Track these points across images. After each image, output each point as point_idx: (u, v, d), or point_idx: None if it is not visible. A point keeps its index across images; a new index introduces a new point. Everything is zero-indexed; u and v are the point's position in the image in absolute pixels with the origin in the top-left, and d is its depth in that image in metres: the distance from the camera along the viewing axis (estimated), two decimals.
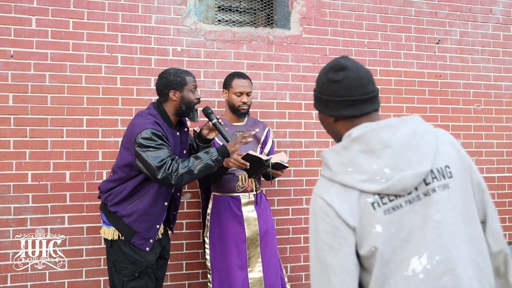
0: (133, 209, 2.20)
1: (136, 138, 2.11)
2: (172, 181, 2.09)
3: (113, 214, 2.24)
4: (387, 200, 1.08)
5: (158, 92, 2.31)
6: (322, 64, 3.19)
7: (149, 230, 2.24)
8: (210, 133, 2.41)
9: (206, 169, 2.17)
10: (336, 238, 1.07)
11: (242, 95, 2.61)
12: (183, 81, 2.26)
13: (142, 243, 2.23)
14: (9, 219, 2.64)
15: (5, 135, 2.64)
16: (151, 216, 2.23)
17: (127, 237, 2.22)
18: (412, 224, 1.08)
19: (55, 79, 2.72)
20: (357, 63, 1.21)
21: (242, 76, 2.66)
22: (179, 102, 2.26)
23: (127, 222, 2.21)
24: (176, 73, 2.28)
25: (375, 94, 1.20)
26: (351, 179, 1.09)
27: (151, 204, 2.22)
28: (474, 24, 3.56)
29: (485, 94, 3.56)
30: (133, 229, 2.21)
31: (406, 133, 1.12)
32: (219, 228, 2.57)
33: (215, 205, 2.61)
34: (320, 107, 1.23)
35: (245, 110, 2.63)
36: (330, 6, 3.24)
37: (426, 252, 1.06)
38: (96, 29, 2.79)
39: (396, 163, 1.08)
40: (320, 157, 1.18)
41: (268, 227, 2.64)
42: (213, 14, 3.04)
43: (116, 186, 2.24)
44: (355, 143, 1.11)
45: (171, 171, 2.08)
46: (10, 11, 2.67)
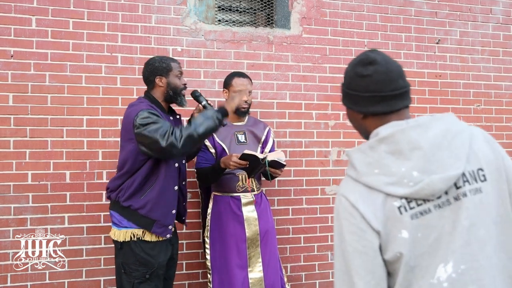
0: (146, 199, 2.19)
1: (134, 122, 2.12)
2: (179, 145, 2.08)
3: (127, 209, 2.22)
4: (414, 204, 1.03)
5: (145, 80, 2.34)
6: (322, 64, 3.22)
7: (166, 216, 2.23)
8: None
9: (209, 130, 2.16)
10: (361, 240, 1.03)
11: (242, 93, 2.62)
12: (168, 67, 2.29)
13: (162, 231, 2.23)
14: (9, 219, 2.64)
15: (5, 135, 2.64)
16: (165, 202, 2.23)
17: (146, 228, 2.20)
18: (441, 230, 1.03)
19: (55, 79, 2.72)
20: (387, 56, 1.14)
21: (242, 75, 2.67)
22: (166, 87, 2.29)
23: (143, 213, 2.20)
24: (161, 59, 2.32)
25: (406, 90, 1.13)
26: (377, 181, 1.04)
27: (162, 190, 2.22)
28: (474, 24, 3.56)
29: (485, 94, 3.56)
30: (150, 218, 2.20)
31: (437, 133, 1.06)
32: (219, 228, 2.57)
33: (215, 205, 2.61)
34: (348, 103, 1.17)
35: (246, 109, 2.64)
36: (330, 6, 3.24)
37: (452, 260, 1.01)
38: (96, 29, 2.79)
39: (425, 165, 1.02)
40: (346, 156, 1.13)
41: (268, 227, 2.64)
42: (213, 14, 3.04)
43: (125, 181, 2.23)
44: (382, 143, 1.06)
45: (174, 137, 2.08)
46: (10, 11, 2.67)
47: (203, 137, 2.18)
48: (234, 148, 2.59)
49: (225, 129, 2.63)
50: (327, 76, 3.22)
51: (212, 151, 2.60)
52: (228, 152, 2.58)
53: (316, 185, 3.17)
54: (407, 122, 1.09)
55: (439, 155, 1.04)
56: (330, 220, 3.19)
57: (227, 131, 2.62)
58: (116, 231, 2.25)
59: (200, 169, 2.57)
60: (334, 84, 3.23)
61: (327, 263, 3.17)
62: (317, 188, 3.17)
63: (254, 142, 2.68)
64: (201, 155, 2.60)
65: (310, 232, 3.14)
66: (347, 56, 3.26)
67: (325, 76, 3.22)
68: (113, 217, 2.28)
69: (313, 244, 3.15)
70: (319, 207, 3.17)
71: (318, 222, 3.17)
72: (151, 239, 2.24)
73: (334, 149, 3.22)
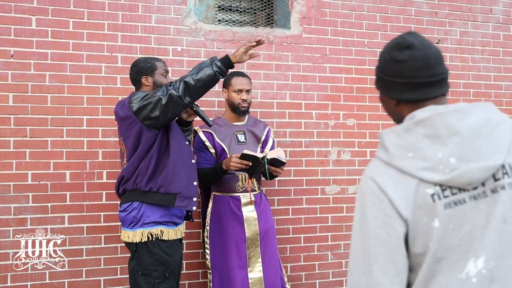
0: (163, 177, 2.19)
1: (129, 106, 2.16)
2: (178, 92, 2.09)
3: (149, 193, 2.19)
4: (449, 193, 0.96)
5: (132, 81, 2.38)
6: (323, 64, 3.22)
7: (187, 187, 2.22)
8: (189, 117, 2.43)
9: (205, 76, 2.13)
10: (386, 226, 0.96)
11: (242, 92, 2.62)
12: (153, 66, 2.32)
13: (186, 204, 2.21)
14: (9, 219, 2.63)
15: (5, 134, 2.64)
16: (183, 174, 2.21)
17: (169, 203, 2.19)
18: (474, 222, 0.97)
19: (55, 78, 2.72)
20: (425, 40, 1.08)
21: (241, 74, 2.67)
22: (152, 86, 2.31)
23: (164, 191, 2.19)
24: (145, 60, 2.35)
25: (443, 77, 1.08)
26: (410, 165, 0.97)
27: (177, 164, 2.21)
28: (474, 24, 3.56)
29: (485, 94, 3.56)
30: (172, 193, 2.19)
31: (478, 120, 1.00)
32: (219, 228, 2.57)
33: (215, 205, 2.61)
34: (381, 88, 1.12)
35: (245, 108, 2.63)
36: (330, 5, 3.24)
37: (483, 255, 0.96)
38: (96, 28, 2.79)
39: (463, 152, 0.96)
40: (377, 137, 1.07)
41: (268, 227, 2.64)
42: (213, 14, 3.04)
43: (139, 165, 2.20)
44: (419, 126, 0.99)
45: (173, 88, 2.11)
46: (10, 11, 2.67)
47: (202, 83, 2.13)
48: (234, 148, 2.59)
49: (225, 129, 2.63)
50: (327, 76, 3.22)
51: (212, 151, 2.60)
52: (228, 152, 2.58)
53: (316, 185, 3.17)
54: (446, 107, 1.03)
55: (478, 143, 0.98)
56: (330, 220, 3.20)
57: (227, 131, 2.63)
58: (130, 233, 2.21)
59: (201, 170, 2.57)
60: (334, 84, 3.23)
61: (327, 263, 3.17)
62: (317, 188, 3.17)
63: (254, 142, 2.68)
64: (201, 155, 2.59)
65: (310, 232, 3.14)
66: (347, 56, 3.26)
67: (325, 76, 3.22)
68: (127, 214, 2.22)
69: (313, 244, 3.15)
70: (319, 207, 3.17)
71: (318, 222, 3.17)
72: (169, 237, 2.22)
73: (334, 149, 3.22)
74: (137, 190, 2.22)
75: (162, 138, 2.21)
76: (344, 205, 3.23)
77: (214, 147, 2.60)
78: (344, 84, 3.26)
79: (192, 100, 2.17)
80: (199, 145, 2.61)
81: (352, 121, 3.26)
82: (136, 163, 2.21)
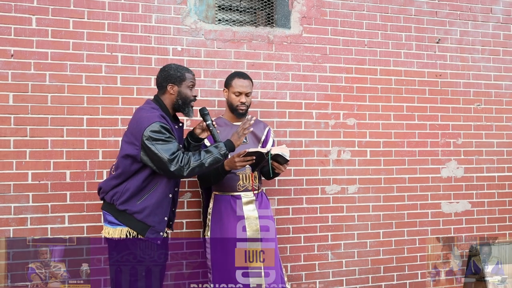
0: (144, 205, 2.21)
1: (144, 131, 2.14)
2: (184, 173, 2.15)
3: (123, 213, 2.22)
4: None
5: (158, 84, 2.36)
6: (323, 64, 3.22)
7: (160, 223, 2.25)
8: (202, 133, 2.45)
9: (215, 163, 2.24)
10: None
11: (241, 95, 2.61)
12: (182, 77, 2.32)
13: (155, 236, 2.25)
14: (9, 219, 2.64)
15: (5, 134, 2.64)
16: (162, 209, 2.25)
17: (141, 232, 2.22)
18: None
19: (55, 78, 2.72)
20: None
21: (243, 76, 2.66)
22: (176, 96, 2.31)
23: (139, 218, 2.21)
24: (177, 68, 2.34)
25: None
26: None
27: (162, 197, 2.24)
28: (475, 24, 3.56)
29: (485, 93, 3.56)
30: (146, 224, 2.21)
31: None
32: (220, 227, 2.57)
33: (216, 204, 2.61)
34: None
35: (243, 110, 2.63)
36: (330, 5, 3.24)
37: None
38: (96, 28, 2.79)
39: None
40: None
41: (269, 226, 2.64)
42: (213, 13, 3.04)
43: (120, 184, 2.23)
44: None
45: (183, 164, 2.14)
46: (10, 11, 2.67)
47: (209, 169, 2.24)
48: None
49: (225, 129, 2.63)
50: (327, 76, 3.22)
51: None
52: None
53: (316, 185, 3.17)
54: None
55: None
56: (331, 219, 3.20)
57: (227, 131, 2.62)
58: (111, 230, 2.26)
59: None
60: (334, 84, 3.23)
61: (327, 263, 3.17)
62: (317, 187, 3.17)
63: (254, 141, 2.68)
64: None
65: (310, 232, 3.14)
66: (347, 56, 3.26)
67: (325, 76, 3.22)
68: (107, 216, 2.29)
69: (313, 244, 3.15)
70: (319, 206, 3.17)
71: (318, 221, 3.17)
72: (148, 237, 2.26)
73: (334, 148, 3.22)
74: (113, 205, 2.26)
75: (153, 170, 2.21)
76: (344, 205, 3.23)
77: None
78: (344, 83, 3.26)
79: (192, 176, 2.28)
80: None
81: (352, 120, 3.26)
82: (118, 181, 2.24)
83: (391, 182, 3.33)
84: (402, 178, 3.36)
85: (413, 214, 3.37)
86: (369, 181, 3.29)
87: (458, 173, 3.48)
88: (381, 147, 3.31)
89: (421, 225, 3.38)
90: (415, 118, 3.40)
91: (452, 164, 3.47)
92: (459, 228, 3.47)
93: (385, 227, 3.31)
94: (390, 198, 3.33)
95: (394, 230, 3.32)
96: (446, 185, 3.45)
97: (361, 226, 3.26)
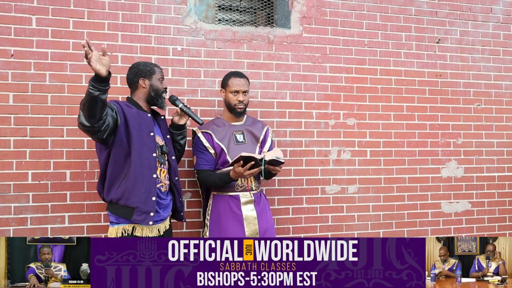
0: (123, 189, 2.26)
1: None
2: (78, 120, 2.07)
3: (111, 204, 2.31)
4: None
5: (129, 82, 2.44)
6: (323, 64, 3.22)
7: (145, 202, 2.26)
8: (180, 119, 2.54)
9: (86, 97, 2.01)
10: None
11: (238, 93, 2.61)
12: (152, 70, 2.42)
13: (143, 218, 2.25)
14: (9, 218, 2.64)
15: (6, 134, 2.64)
16: (141, 188, 2.26)
17: (127, 216, 2.26)
18: None
19: (56, 78, 2.72)
20: None
21: (239, 75, 2.66)
22: (148, 89, 2.40)
23: (122, 204, 2.26)
24: (145, 63, 2.45)
25: None
26: None
27: (137, 178, 2.25)
28: (475, 23, 3.56)
29: (485, 93, 3.56)
30: (129, 206, 2.25)
31: None
32: (218, 227, 2.57)
33: (215, 204, 2.61)
34: None
35: (242, 109, 2.63)
36: (330, 5, 3.25)
37: None
38: (97, 28, 2.80)
39: None
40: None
41: (268, 226, 2.64)
42: (213, 13, 3.04)
43: (101, 176, 2.33)
44: None
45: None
46: (10, 11, 2.67)
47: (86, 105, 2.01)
48: (233, 148, 2.59)
49: (223, 129, 2.63)
50: (327, 76, 3.22)
51: (212, 151, 2.59)
52: (227, 152, 2.58)
53: (316, 185, 3.18)
54: None
55: None
56: (331, 219, 3.20)
57: (225, 131, 2.63)
58: (110, 229, 2.33)
59: (205, 175, 2.56)
60: (335, 84, 3.23)
61: None
62: (317, 187, 3.18)
63: (253, 141, 2.68)
64: (201, 156, 2.59)
65: (310, 232, 3.14)
66: (347, 56, 3.26)
67: (325, 76, 3.22)
68: (109, 216, 2.36)
69: None
70: (319, 206, 3.18)
71: (318, 221, 3.17)
72: (142, 234, 2.29)
73: (334, 148, 3.22)
74: (106, 201, 2.35)
75: (119, 151, 2.26)
76: (344, 205, 3.23)
77: (214, 147, 2.60)
78: (344, 83, 3.26)
79: (90, 122, 2.05)
80: (198, 146, 2.61)
81: (352, 120, 3.26)
82: (100, 173, 2.34)
83: (391, 182, 3.34)
84: (402, 178, 3.36)
85: (413, 214, 3.38)
86: (369, 181, 3.29)
87: (458, 173, 3.48)
88: (381, 147, 3.31)
89: (421, 225, 3.39)
90: (415, 118, 3.40)
91: (452, 164, 3.47)
92: (459, 228, 3.47)
93: (385, 227, 3.31)
94: (390, 198, 3.33)
95: (394, 230, 3.33)
96: (446, 185, 3.46)
97: (361, 226, 3.26)
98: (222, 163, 2.59)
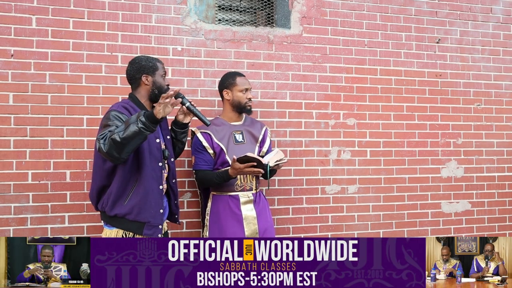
0: (131, 204, 2.17)
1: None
2: (104, 148, 2.00)
3: (115, 218, 2.20)
4: None
5: (130, 78, 2.32)
6: (323, 64, 3.22)
7: (155, 217, 2.22)
8: (185, 117, 2.42)
9: (131, 133, 1.98)
10: None
11: (247, 91, 2.65)
12: (154, 66, 2.30)
13: (153, 232, 2.21)
14: (9, 218, 2.64)
15: (5, 134, 2.64)
16: (151, 203, 2.20)
17: (137, 231, 2.19)
18: None
19: (56, 78, 2.72)
20: None
21: (241, 74, 2.71)
22: (151, 86, 2.29)
23: (131, 219, 2.18)
24: (147, 58, 2.32)
25: None
26: None
27: (147, 191, 2.18)
28: (475, 23, 3.56)
29: (485, 93, 3.56)
30: (140, 221, 2.19)
31: None
32: (218, 227, 2.57)
33: (214, 204, 2.61)
34: None
35: (251, 106, 2.68)
36: (330, 5, 3.25)
37: None
38: (97, 28, 2.80)
39: None
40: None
41: (267, 226, 2.64)
42: (213, 13, 3.04)
43: (100, 186, 2.21)
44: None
45: (104, 139, 2.02)
46: (10, 11, 2.67)
47: (128, 140, 2.00)
48: (232, 148, 2.59)
49: (222, 129, 2.63)
50: (327, 76, 3.22)
51: (210, 152, 2.59)
52: (226, 152, 2.58)
53: (316, 185, 3.18)
54: None
55: None
56: (331, 219, 3.20)
57: (224, 131, 2.63)
58: (108, 231, 2.25)
59: (203, 174, 2.57)
60: (335, 84, 3.23)
61: None
62: (317, 187, 3.18)
63: (252, 141, 2.68)
64: (200, 156, 2.59)
65: (310, 232, 3.14)
66: (347, 56, 3.26)
67: (325, 76, 3.22)
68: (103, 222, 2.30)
69: None
70: (319, 206, 3.18)
71: (318, 221, 3.17)
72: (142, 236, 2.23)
73: (334, 148, 3.22)
74: (104, 213, 2.24)
75: (127, 165, 2.15)
76: (344, 205, 3.23)
77: (213, 147, 2.60)
78: (344, 83, 3.26)
79: (122, 156, 2.03)
80: (197, 146, 2.61)
81: (352, 120, 3.26)
82: (97, 182, 2.22)
83: (391, 182, 3.34)
84: (402, 178, 3.36)
85: (413, 214, 3.38)
86: (369, 181, 3.29)
87: (458, 173, 3.48)
88: (381, 147, 3.31)
89: (421, 225, 3.39)
90: (415, 118, 3.40)
91: (452, 164, 3.47)
92: (459, 228, 3.47)
93: (385, 227, 3.31)
94: (390, 198, 3.33)
95: (394, 230, 3.33)
96: (446, 185, 3.46)
97: (361, 226, 3.26)
98: (221, 163, 2.59)
